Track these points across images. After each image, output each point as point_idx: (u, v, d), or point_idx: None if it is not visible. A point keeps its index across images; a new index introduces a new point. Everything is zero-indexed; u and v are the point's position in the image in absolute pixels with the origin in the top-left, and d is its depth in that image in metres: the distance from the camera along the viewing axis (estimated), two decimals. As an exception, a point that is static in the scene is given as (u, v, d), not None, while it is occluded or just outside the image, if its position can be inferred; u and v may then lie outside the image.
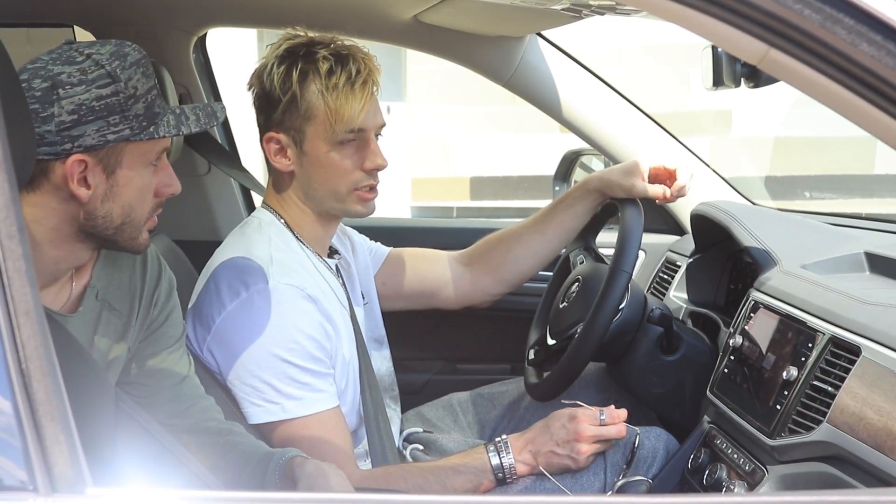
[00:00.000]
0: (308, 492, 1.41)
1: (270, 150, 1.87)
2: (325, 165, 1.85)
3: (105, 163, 1.41)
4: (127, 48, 1.44)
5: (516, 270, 2.23)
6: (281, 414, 1.76)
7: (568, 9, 2.03)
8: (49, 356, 0.95)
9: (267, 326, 1.76)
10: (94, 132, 1.37)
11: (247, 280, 1.78)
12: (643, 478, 1.91)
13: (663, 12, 1.12)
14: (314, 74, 1.80)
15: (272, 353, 1.75)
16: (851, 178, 9.43)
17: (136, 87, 1.41)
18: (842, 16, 1.03)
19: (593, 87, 2.61)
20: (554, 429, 1.85)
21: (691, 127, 8.43)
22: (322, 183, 1.86)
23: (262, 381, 1.76)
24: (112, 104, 1.38)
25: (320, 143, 1.83)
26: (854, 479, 1.50)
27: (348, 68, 1.81)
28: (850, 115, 1.10)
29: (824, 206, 8.93)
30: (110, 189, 1.42)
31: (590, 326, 1.96)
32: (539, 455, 1.85)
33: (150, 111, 1.43)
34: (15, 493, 0.94)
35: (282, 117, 1.83)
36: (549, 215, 2.21)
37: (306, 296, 1.79)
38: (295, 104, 1.81)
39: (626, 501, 1.34)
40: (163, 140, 1.46)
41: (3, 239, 0.94)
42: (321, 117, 1.81)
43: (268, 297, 1.76)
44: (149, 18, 2.58)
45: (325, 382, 1.81)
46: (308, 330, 1.78)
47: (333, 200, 1.88)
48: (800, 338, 1.73)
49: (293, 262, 1.84)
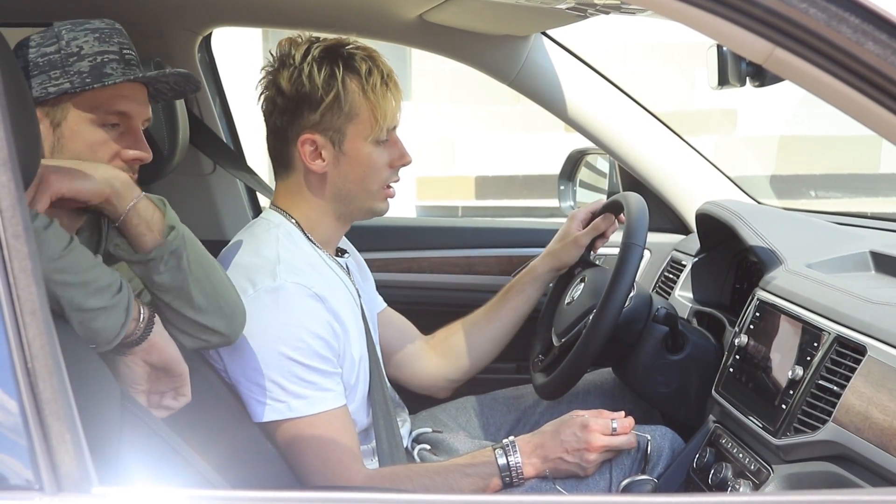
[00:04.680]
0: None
1: (305, 153, 1.85)
2: (364, 164, 1.87)
3: (52, 116, 1.53)
4: (95, 22, 1.58)
5: (475, 357, 2.26)
6: (287, 412, 1.76)
7: (573, 8, 2.03)
8: (55, 355, 0.95)
9: (274, 325, 1.76)
10: (38, 85, 1.52)
11: (254, 278, 1.78)
12: (648, 477, 1.91)
13: (668, 11, 1.12)
14: (355, 75, 1.83)
15: (279, 352, 1.75)
16: (857, 178, 9.42)
17: (81, 47, 1.54)
18: (847, 14, 1.03)
19: (598, 86, 2.61)
20: (565, 436, 1.85)
21: (696, 126, 8.43)
22: (357, 181, 1.88)
23: (269, 379, 1.76)
24: (54, 60, 1.53)
25: (361, 142, 1.85)
26: (860, 478, 1.50)
27: (380, 69, 1.85)
28: (856, 113, 1.09)
29: (830, 206, 8.92)
30: (57, 141, 1.53)
31: (606, 304, 1.94)
32: (547, 461, 1.85)
33: (98, 71, 1.53)
34: (21, 492, 0.94)
35: (320, 119, 1.83)
36: (502, 301, 2.27)
37: (313, 294, 1.79)
38: (338, 104, 1.82)
39: (629, 501, 1.34)
40: (109, 100, 1.54)
41: (10, 238, 0.94)
42: (364, 116, 1.84)
43: (275, 296, 1.76)
44: (154, 17, 2.59)
45: (332, 381, 1.81)
46: (315, 329, 1.78)
47: (364, 198, 1.90)
48: (805, 337, 1.73)
49: (301, 261, 1.84)
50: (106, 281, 1.34)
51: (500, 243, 2.86)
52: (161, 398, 1.50)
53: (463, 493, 1.79)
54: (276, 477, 1.74)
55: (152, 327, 1.43)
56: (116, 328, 1.35)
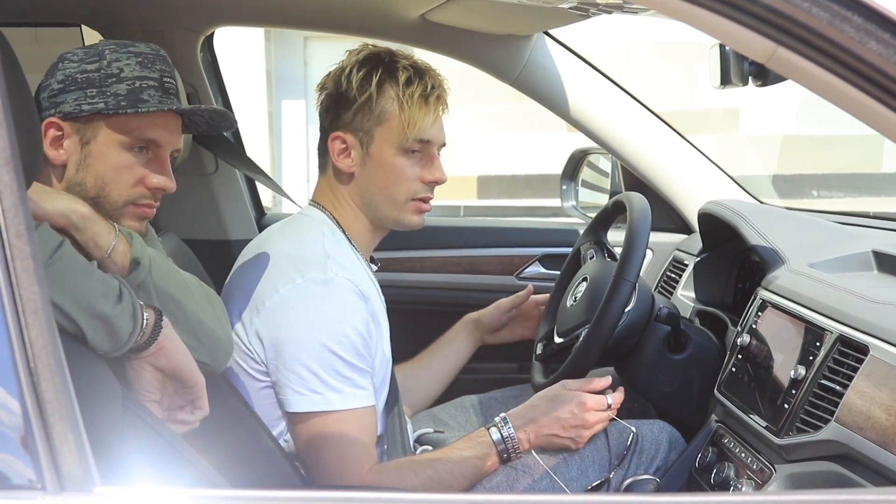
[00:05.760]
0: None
1: (334, 150, 1.90)
2: (388, 170, 1.89)
3: (82, 133, 1.54)
4: (140, 46, 1.58)
5: (410, 403, 2.28)
6: (322, 405, 1.77)
7: (575, 7, 2.03)
8: (57, 355, 0.95)
9: (320, 316, 1.77)
10: (73, 101, 1.52)
11: (302, 269, 1.80)
12: (650, 477, 1.91)
13: (671, 11, 1.11)
14: (393, 81, 1.87)
15: (322, 343, 1.76)
16: (859, 177, 9.40)
17: (122, 70, 1.54)
18: (850, 14, 1.03)
19: (601, 85, 2.61)
20: (562, 413, 1.89)
21: (699, 125, 8.41)
22: (382, 187, 1.90)
23: (308, 369, 1.76)
24: (92, 79, 1.53)
25: (387, 148, 1.88)
26: (862, 478, 1.50)
27: (424, 82, 1.89)
28: (858, 113, 1.09)
29: (832, 205, 8.91)
30: (84, 159, 1.54)
31: (593, 334, 1.97)
32: (541, 436, 1.89)
33: (135, 96, 1.53)
34: (23, 491, 0.94)
35: (352, 118, 1.88)
36: (433, 351, 2.35)
37: (359, 292, 1.81)
38: (369, 106, 1.87)
39: (630, 500, 1.34)
40: (141, 126, 1.54)
41: (12, 238, 0.94)
42: (394, 122, 1.87)
43: (325, 287, 1.78)
44: (156, 17, 2.59)
45: (366, 380, 1.82)
46: (358, 326, 1.80)
47: (390, 207, 1.92)
48: (808, 337, 1.73)
49: (346, 258, 1.86)
50: (101, 290, 1.31)
51: (502, 243, 2.86)
52: (177, 412, 1.46)
53: (466, 477, 1.83)
54: (279, 476, 1.74)
55: (160, 331, 1.39)
56: (124, 337, 1.33)
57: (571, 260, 2.36)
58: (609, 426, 1.96)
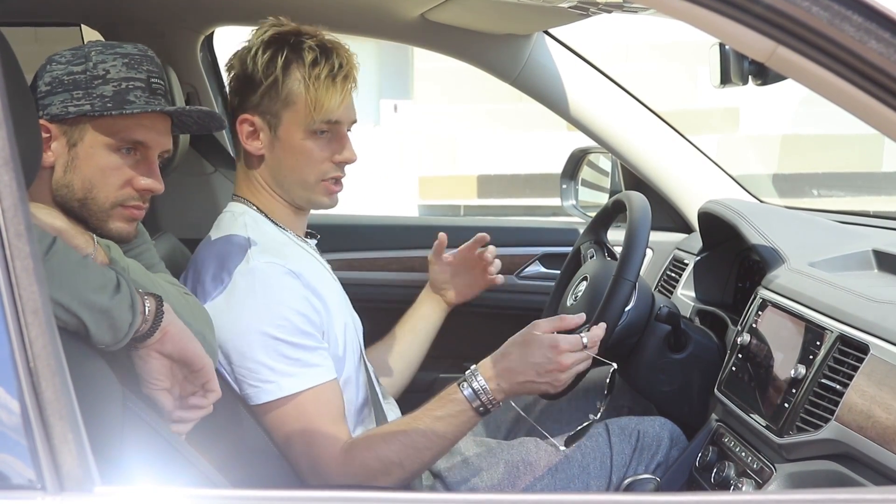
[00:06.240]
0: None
1: (243, 132, 1.88)
2: (297, 152, 1.87)
3: (69, 135, 1.53)
4: (128, 46, 1.58)
5: (391, 380, 2.24)
6: (278, 392, 1.76)
7: (575, 6, 2.03)
8: (57, 355, 0.95)
9: (252, 305, 1.76)
10: (60, 103, 1.52)
11: (228, 265, 1.79)
12: (650, 476, 1.91)
13: (671, 10, 1.11)
14: (299, 63, 1.83)
15: (261, 332, 1.76)
16: (859, 176, 9.41)
17: (108, 71, 1.53)
18: (850, 13, 1.03)
19: (601, 85, 2.61)
20: (535, 358, 1.79)
21: (699, 125, 8.42)
22: (291, 170, 1.88)
23: (256, 361, 1.76)
24: (78, 80, 1.53)
25: (295, 130, 1.85)
26: (863, 477, 1.50)
27: (332, 61, 1.84)
28: (858, 112, 1.09)
29: (832, 204, 8.92)
30: (71, 161, 1.53)
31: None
32: (515, 383, 1.79)
33: (121, 97, 1.53)
34: (23, 491, 0.94)
35: (259, 100, 1.85)
36: (400, 324, 2.29)
37: (288, 271, 1.80)
38: (276, 89, 1.84)
39: (631, 500, 1.34)
40: (128, 128, 1.54)
41: (12, 238, 0.94)
42: (300, 105, 1.84)
43: (250, 278, 1.77)
44: (156, 17, 2.59)
45: (318, 356, 1.81)
46: (295, 305, 1.79)
47: (301, 189, 1.90)
48: (808, 336, 1.73)
49: (270, 242, 1.85)
50: (99, 281, 1.30)
51: (502, 242, 2.85)
52: (189, 398, 1.44)
53: (440, 436, 1.76)
54: (279, 476, 1.74)
55: (162, 316, 1.38)
56: (124, 328, 1.31)
57: (571, 259, 2.36)
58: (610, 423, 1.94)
